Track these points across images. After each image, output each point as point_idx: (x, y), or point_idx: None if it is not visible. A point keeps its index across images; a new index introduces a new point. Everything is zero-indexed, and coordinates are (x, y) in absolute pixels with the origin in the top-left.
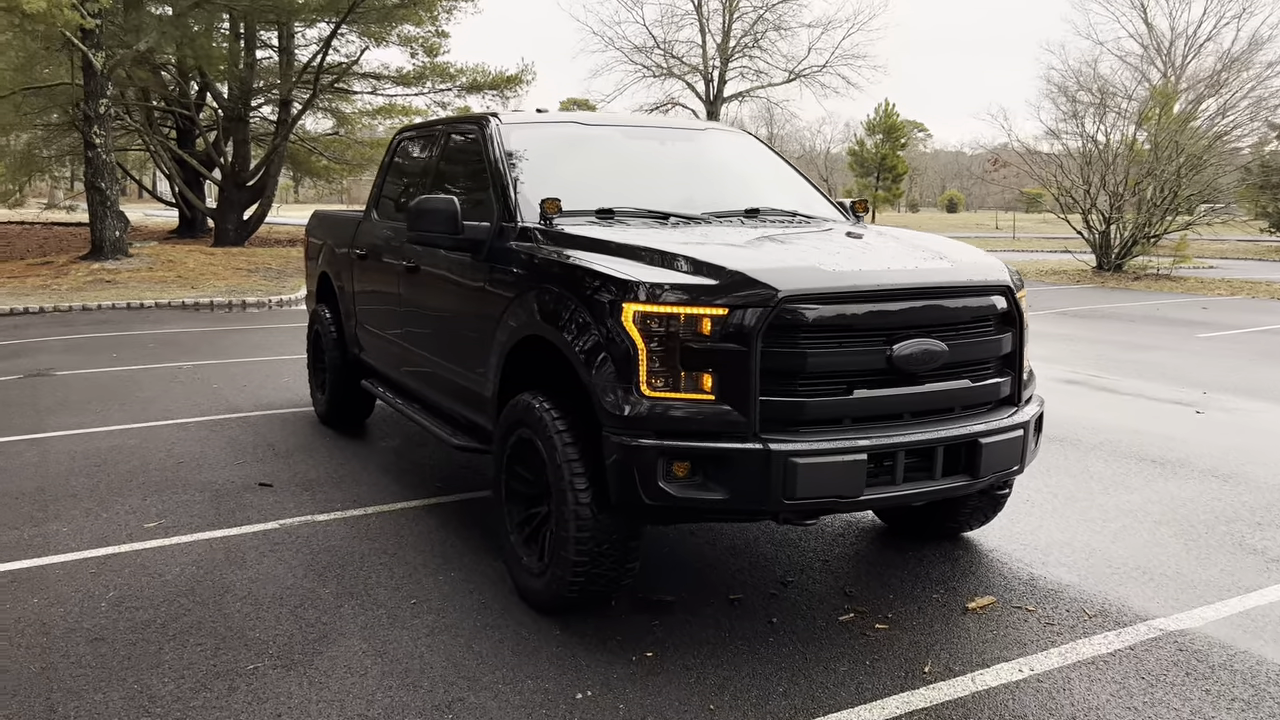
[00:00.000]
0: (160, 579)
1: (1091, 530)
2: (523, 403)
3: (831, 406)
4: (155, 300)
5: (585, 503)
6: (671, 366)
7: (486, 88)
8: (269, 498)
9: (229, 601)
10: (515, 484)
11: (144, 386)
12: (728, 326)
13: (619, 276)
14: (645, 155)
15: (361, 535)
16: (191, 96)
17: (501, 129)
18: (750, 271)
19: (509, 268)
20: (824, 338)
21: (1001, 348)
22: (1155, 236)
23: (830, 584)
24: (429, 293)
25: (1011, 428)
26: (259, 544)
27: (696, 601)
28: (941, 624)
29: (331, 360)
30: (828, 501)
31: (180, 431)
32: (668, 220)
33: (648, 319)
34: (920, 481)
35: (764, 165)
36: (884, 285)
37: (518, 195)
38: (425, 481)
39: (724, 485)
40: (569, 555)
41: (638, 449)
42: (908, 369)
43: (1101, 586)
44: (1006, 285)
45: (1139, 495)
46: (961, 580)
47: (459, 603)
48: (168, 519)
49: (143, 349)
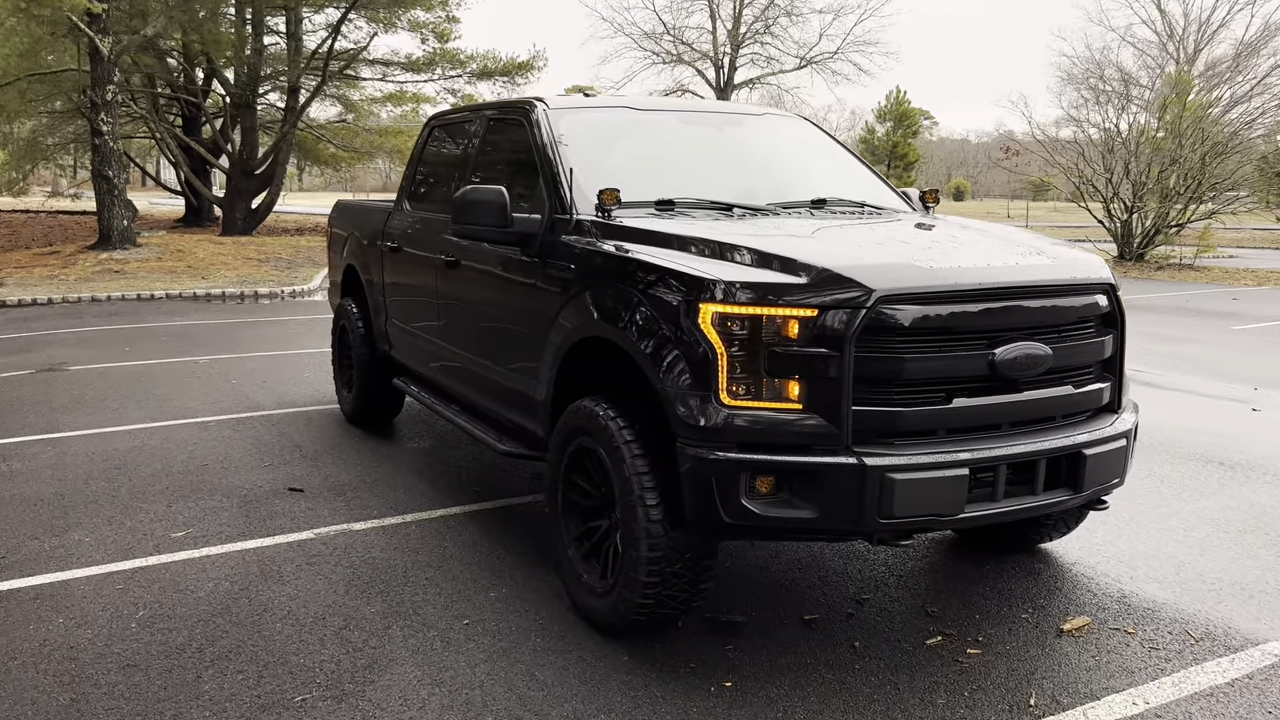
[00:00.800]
0: (193, 596)
1: (1174, 540)
2: (584, 409)
3: (929, 416)
4: (165, 291)
5: (657, 519)
6: (754, 373)
7: (497, 74)
8: (300, 504)
9: (268, 622)
10: (573, 495)
11: (160, 382)
12: (817, 329)
13: (694, 274)
14: (701, 142)
15: (402, 546)
16: (198, 83)
17: (549, 114)
18: (841, 269)
19: (564, 263)
20: (922, 341)
21: (1103, 350)
22: (1179, 226)
23: (909, 602)
24: (471, 289)
25: (1114, 437)
26: (295, 556)
27: (769, 622)
28: (1037, 648)
29: (359, 357)
30: (926, 520)
31: (201, 431)
32: (731, 212)
33: (727, 321)
34: (1021, 497)
35: (824, 152)
36: (986, 284)
37: (572, 186)
38: (462, 486)
39: (812, 502)
40: (639, 576)
41: (718, 463)
42: (1010, 375)
43: (1200, 605)
44: (1110, 283)
45: (1215, 501)
46: (1048, 598)
47: (515, 623)
48: (196, 528)
49: (156, 342)
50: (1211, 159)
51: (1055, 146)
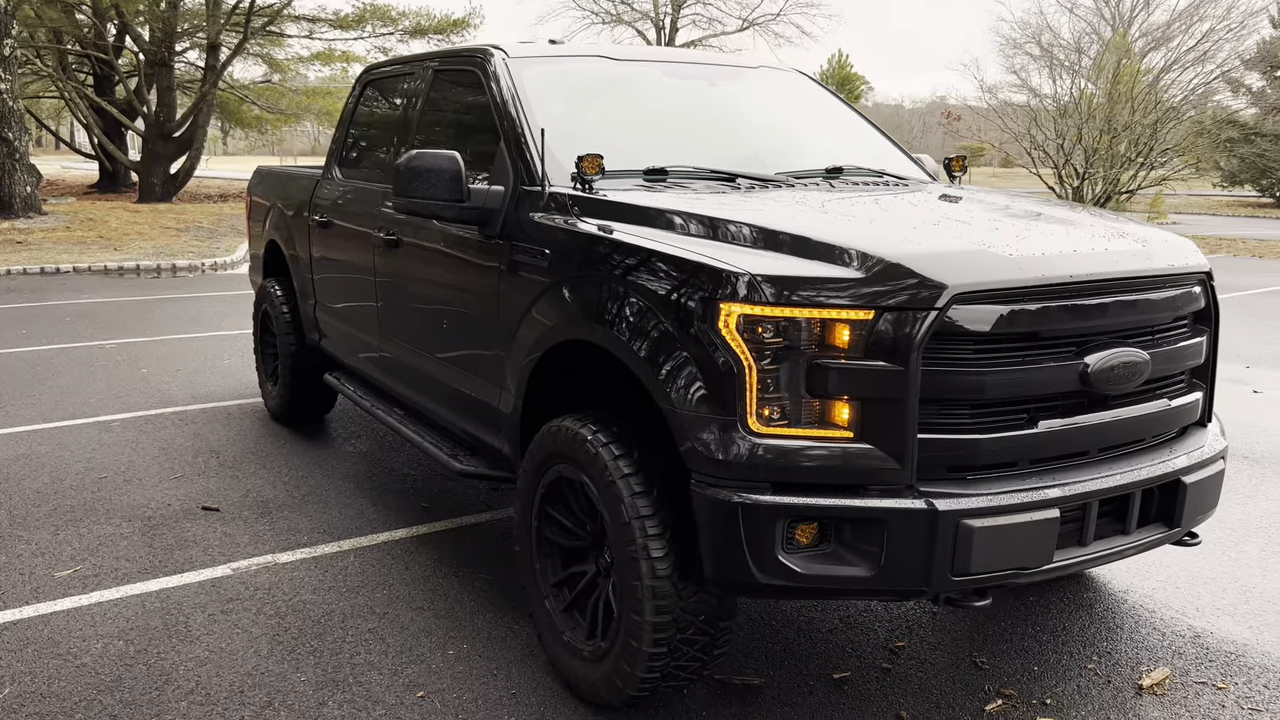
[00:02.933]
0: (76, 664)
1: (1228, 557)
2: (566, 431)
3: (1011, 444)
4: (73, 264)
5: (665, 574)
6: (792, 391)
7: (431, 31)
8: (216, 528)
9: (170, 700)
10: (551, 533)
11: (59, 372)
12: (874, 336)
13: (711, 264)
14: (692, 100)
15: (338, 585)
16: (109, 40)
17: (510, 65)
18: (902, 258)
19: (536, 247)
20: (1004, 350)
21: (1198, 354)
22: (1129, 192)
23: (952, 650)
24: (417, 273)
25: (1213, 459)
26: (207, 601)
27: (792, 684)
28: (1118, 714)
29: (284, 347)
30: (1009, 574)
31: (103, 433)
32: (736, 183)
33: (758, 325)
34: (1112, 538)
35: (829, 111)
36: (1078, 276)
37: (543, 151)
38: (409, 500)
39: (867, 558)
40: (642, 645)
41: (746, 508)
42: (1104, 389)
43: None
44: (1207, 271)
45: (1256, 507)
46: (1110, 640)
47: (481, 694)
48: (86, 563)
49: (58, 324)
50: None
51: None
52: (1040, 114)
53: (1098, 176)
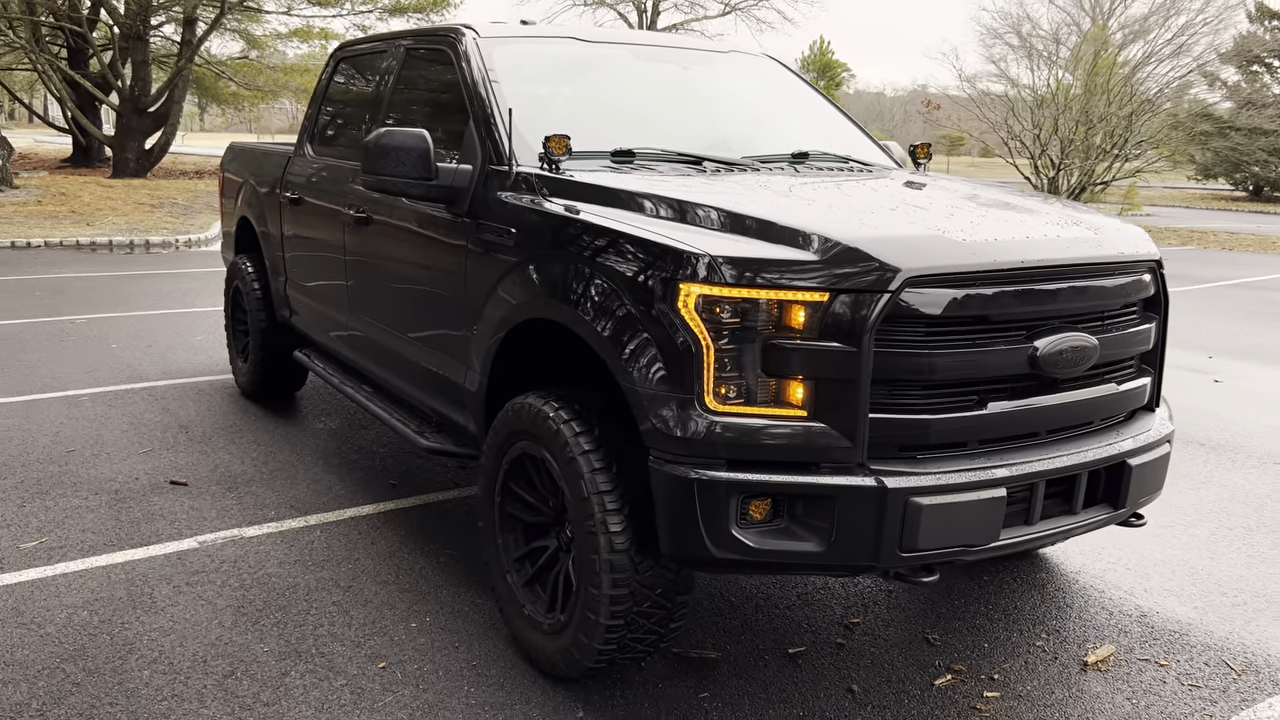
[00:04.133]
0: (39, 633)
1: (1179, 541)
2: (529, 408)
3: (961, 425)
4: (44, 239)
5: (622, 549)
6: (748, 371)
7: (411, 10)
8: (184, 502)
9: (134, 668)
10: (513, 508)
11: (28, 347)
12: (829, 317)
13: (670, 245)
14: (662, 83)
15: (303, 559)
16: (84, 11)
17: (480, 45)
18: (858, 242)
19: (502, 226)
20: (954, 332)
21: (1147, 340)
22: (1104, 183)
23: (905, 627)
24: (386, 251)
25: (1159, 442)
26: (173, 573)
27: (748, 658)
28: (1063, 688)
29: (255, 323)
30: (955, 552)
31: (71, 408)
32: (703, 166)
33: (716, 306)
34: (1058, 518)
35: (799, 98)
36: (1029, 262)
37: (510, 131)
38: (377, 477)
39: (819, 533)
40: (599, 618)
41: (702, 484)
42: (1053, 372)
43: (1230, 626)
44: (1157, 259)
45: (1209, 491)
46: (1060, 619)
47: (443, 665)
48: (52, 535)
49: (28, 298)
50: (1138, 117)
51: (983, 101)
52: (1017, 104)
53: (1074, 167)
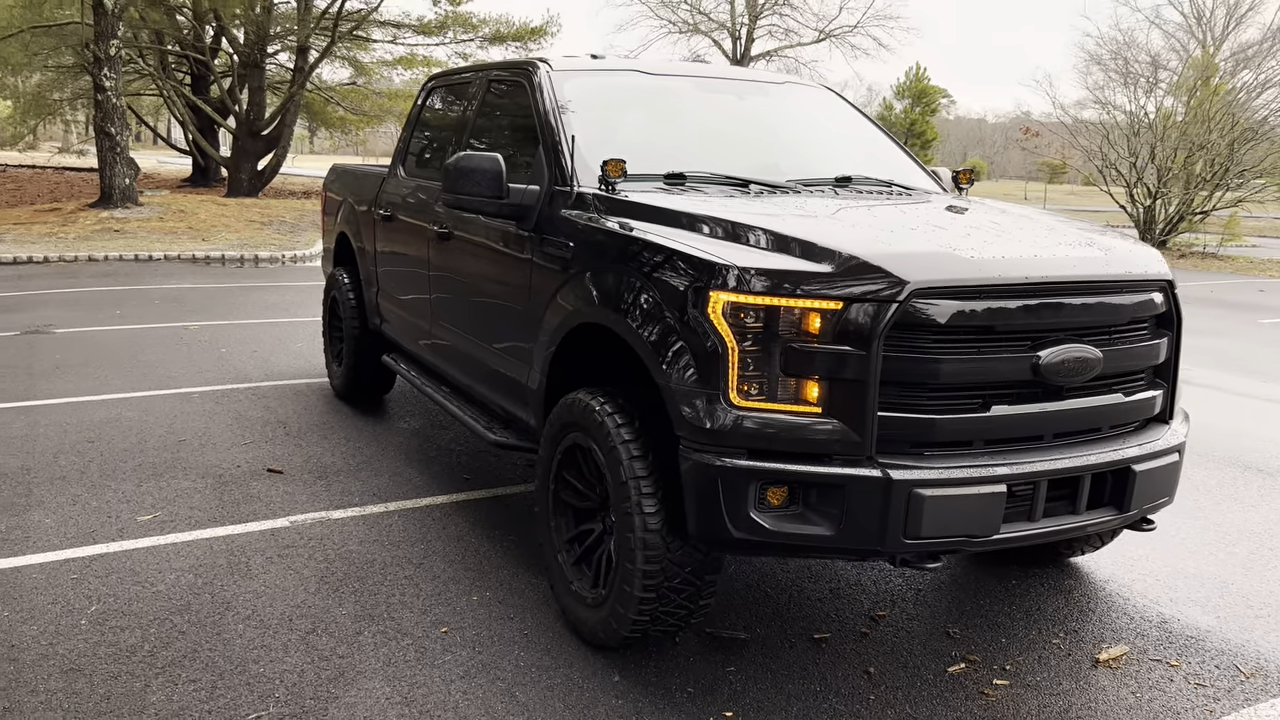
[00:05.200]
0: (152, 590)
1: (1216, 557)
2: (579, 403)
3: (964, 425)
4: (164, 253)
5: (655, 529)
6: (769, 370)
7: (510, 39)
8: (279, 487)
9: (230, 623)
10: (565, 495)
11: (146, 349)
12: (842, 324)
13: (705, 257)
14: (718, 112)
15: (382, 539)
16: (207, 41)
17: (553, 77)
18: (871, 256)
19: (563, 240)
20: (959, 341)
21: (1157, 354)
22: (1203, 213)
23: (928, 621)
24: (464, 263)
25: (1166, 451)
26: (266, 546)
27: (775, 640)
28: (1070, 681)
29: (349, 330)
30: (957, 541)
31: (183, 403)
32: (748, 188)
33: (740, 312)
34: (1061, 516)
35: (850, 126)
36: (1032, 278)
37: (573, 155)
38: (452, 472)
39: (830, 519)
40: (633, 590)
41: (724, 470)
42: (1055, 381)
43: (1249, 634)
44: (1168, 279)
45: (1258, 514)
46: (1081, 621)
47: (497, 633)
48: (164, 511)
49: (148, 306)
50: (1240, 145)
51: (1078, 128)
52: (1112, 131)
53: (1172, 196)
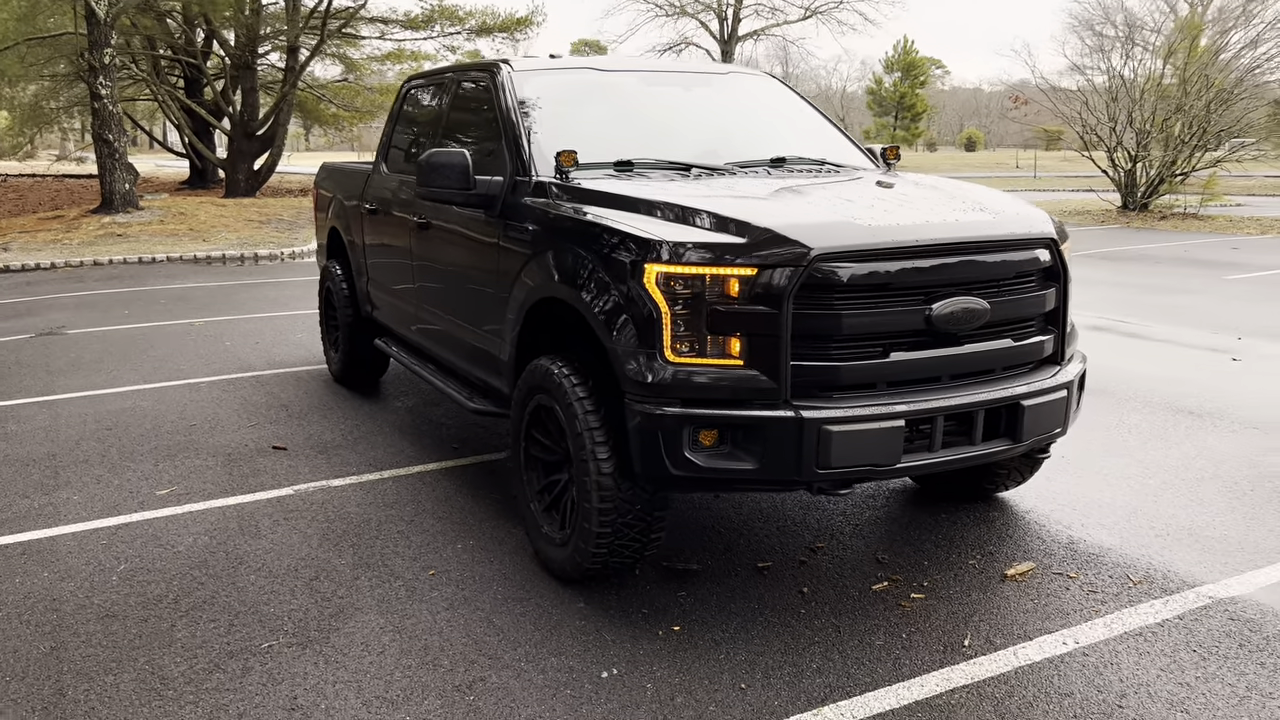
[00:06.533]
0: (173, 550)
1: (1131, 489)
2: (541, 367)
3: (867, 370)
4: (166, 254)
5: (608, 473)
6: (697, 330)
7: (496, 30)
8: (283, 462)
9: (243, 574)
10: (534, 451)
11: (156, 345)
12: (757, 287)
13: (639, 235)
14: (666, 102)
15: (377, 501)
16: (198, 44)
17: (513, 76)
18: (780, 228)
19: (524, 225)
20: (859, 298)
21: (1045, 304)
22: (1183, 174)
23: (862, 550)
24: (441, 250)
25: (1055, 388)
26: (273, 511)
27: (723, 570)
28: (979, 593)
29: (343, 318)
30: (864, 470)
31: (192, 392)
32: (690, 172)
33: (671, 280)
34: (960, 447)
35: (790, 110)
36: (922, 241)
37: (531, 147)
38: (442, 443)
39: (753, 455)
40: (591, 527)
41: (662, 417)
42: (947, 329)
43: (1145, 550)
44: (1051, 238)
45: (1180, 450)
46: (998, 545)
47: (479, 573)
48: (180, 485)
49: (155, 305)
50: (1216, 106)
51: (1058, 95)
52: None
53: (1152, 159)
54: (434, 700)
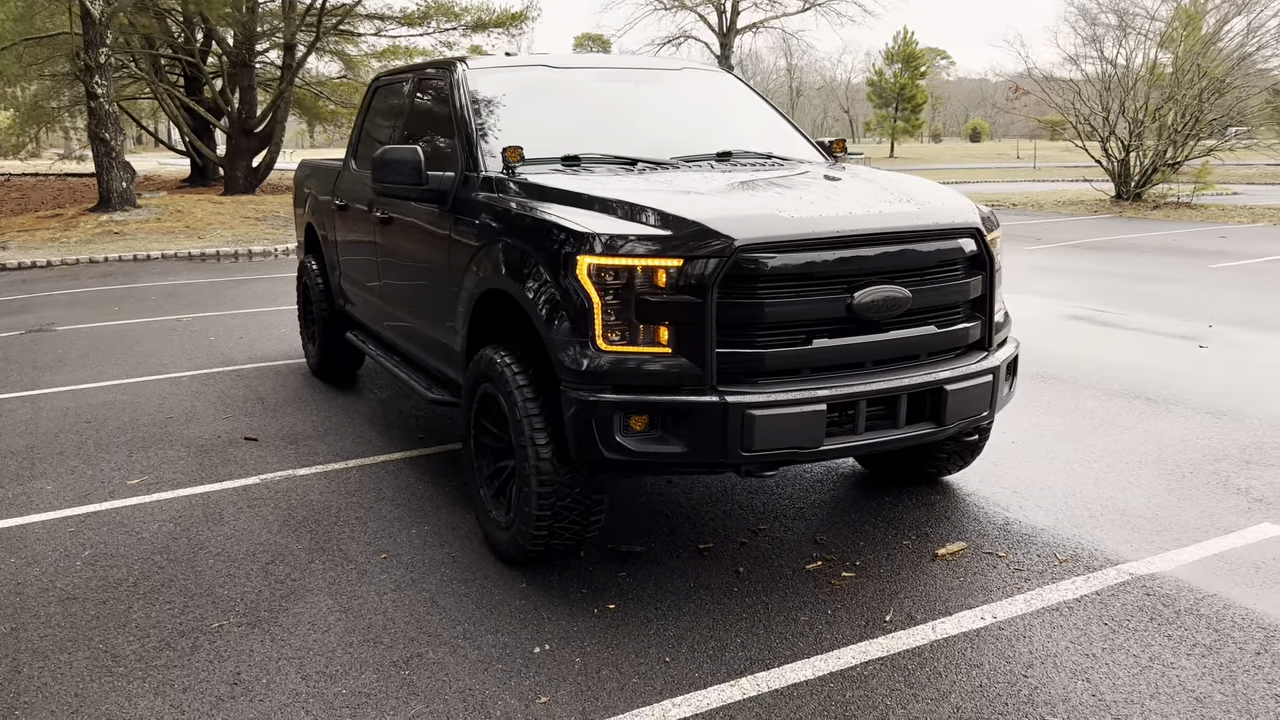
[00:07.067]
0: (137, 536)
1: (1074, 472)
2: (485, 357)
3: (790, 357)
4: (162, 251)
5: (546, 457)
6: (627, 320)
7: (492, 25)
8: (253, 452)
9: (202, 559)
10: (483, 438)
11: (142, 340)
12: (683, 278)
13: (572, 228)
14: (617, 98)
15: (340, 489)
16: (197, 43)
17: (467, 74)
18: (706, 220)
19: (472, 219)
20: (781, 287)
21: (970, 291)
22: (1176, 163)
23: (802, 531)
24: (401, 244)
25: (980, 373)
26: (238, 500)
27: (666, 552)
28: (909, 571)
29: (319, 312)
30: (787, 453)
31: (173, 386)
32: (635, 166)
33: (602, 271)
34: (883, 430)
35: (741, 105)
36: (844, 231)
37: (481, 143)
38: (410, 433)
39: (682, 438)
40: (531, 510)
41: (595, 403)
42: (869, 317)
43: (1076, 530)
44: (975, 227)
45: (1129, 435)
46: (934, 526)
47: (429, 556)
48: (151, 475)
49: (145, 302)
50: (1209, 95)
51: (1051, 86)
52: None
53: (1147, 148)
54: (371, 675)
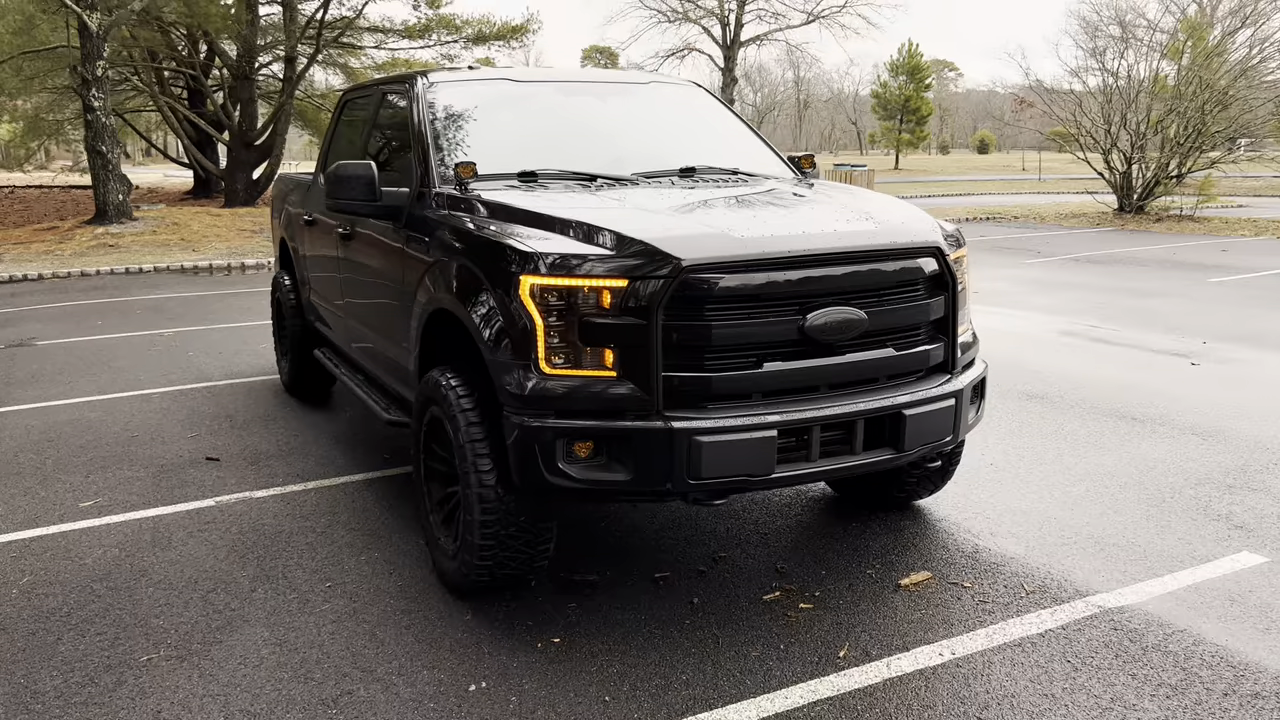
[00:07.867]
0: (79, 563)
1: (1051, 496)
2: (431, 379)
3: (740, 381)
4: (154, 265)
5: (490, 484)
6: (571, 342)
7: (493, 38)
8: (212, 473)
9: (141, 587)
10: (433, 462)
11: (119, 356)
12: (628, 299)
13: (515, 247)
14: (580, 113)
15: (295, 513)
16: (199, 57)
17: (427, 89)
18: (653, 240)
19: (423, 236)
20: (731, 309)
21: (931, 313)
22: (1179, 176)
23: (763, 559)
24: (360, 260)
25: (941, 397)
26: (189, 524)
27: (621, 580)
28: (869, 603)
29: (291, 329)
30: (737, 481)
31: (143, 403)
32: (593, 183)
33: (545, 292)
34: (840, 456)
35: (709, 120)
36: (796, 251)
37: (436, 159)
38: (374, 454)
39: (627, 466)
40: (474, 539)
41: (537, 429)
42: (823, 339)
43: (1047, 559)
44: (935, 247)
45: (1111, 457)
46: (900, 554)
47: (376, 585)
48: (105, 497)
49: (129, 316)
50: (1212, 107)
51: (1053, 98)
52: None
53: (1149, 160)
54: (297, 714)
